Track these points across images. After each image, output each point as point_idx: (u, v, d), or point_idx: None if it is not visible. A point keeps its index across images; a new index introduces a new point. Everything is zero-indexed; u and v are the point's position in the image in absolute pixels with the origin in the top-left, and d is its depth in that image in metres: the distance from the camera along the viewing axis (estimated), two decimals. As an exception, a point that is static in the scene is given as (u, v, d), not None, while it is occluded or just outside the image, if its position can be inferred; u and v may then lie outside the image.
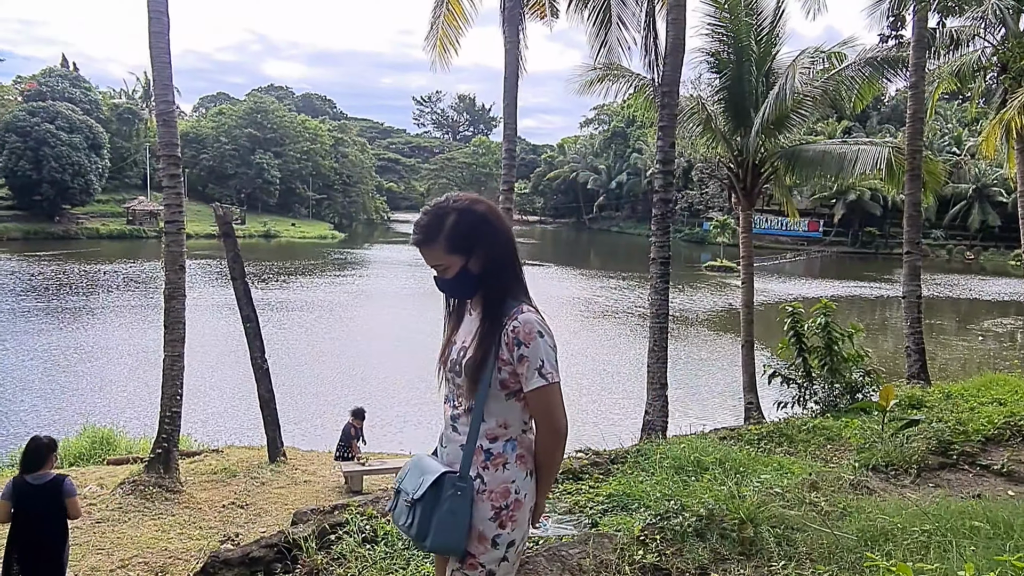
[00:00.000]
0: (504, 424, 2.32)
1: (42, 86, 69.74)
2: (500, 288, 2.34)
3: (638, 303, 39.90)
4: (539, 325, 2.28)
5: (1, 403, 20.52)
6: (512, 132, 13.43)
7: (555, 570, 3.13)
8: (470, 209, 2.35)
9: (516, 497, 2.29)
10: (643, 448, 7.12)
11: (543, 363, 2.24)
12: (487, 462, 2.30)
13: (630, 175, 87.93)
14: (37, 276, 42.87)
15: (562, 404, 2.30)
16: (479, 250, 2.32)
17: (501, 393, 2.30)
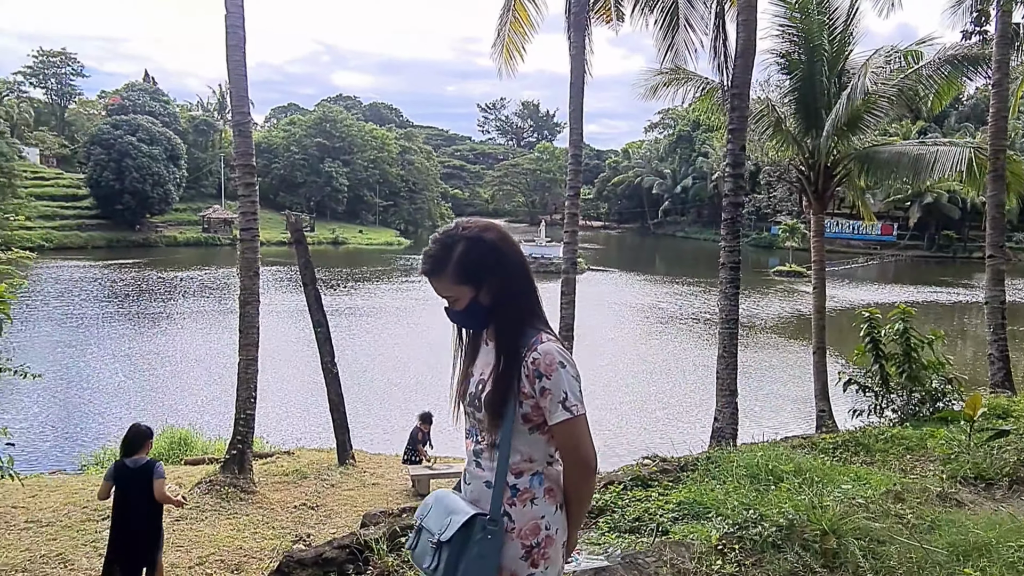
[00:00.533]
0: (529, 458, 2.22)
1: (125, 100, 72.71)
2: (515, 318, 2.24)
3: (704, 308, 39.31)
4: (560, 355, 2.16)
5: (87, 405, 21.40)
6: (578, 137, 13.39)
7: None
8: (479, 238, 2.24)
9: (547, 534, 2.19)
10: (713, 455, 6.98)
11: (567, 395, 2.13)
12: (514, 498, 2.19)
13: (696, 179, 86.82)
14: (118, 283, 44.57)
15: (589, 436, 2.20)
16: (489, 281, 2.22)
17: (524, 427, 2.20)
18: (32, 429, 18.88)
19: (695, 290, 47.18)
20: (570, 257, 13.27)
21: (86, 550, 8.09)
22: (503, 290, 2.23)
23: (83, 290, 41.07)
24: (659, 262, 71.74)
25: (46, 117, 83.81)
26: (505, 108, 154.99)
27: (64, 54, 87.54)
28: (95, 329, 31.26)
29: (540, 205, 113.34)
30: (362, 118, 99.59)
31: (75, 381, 23.49)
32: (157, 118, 67.92)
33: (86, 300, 37.97)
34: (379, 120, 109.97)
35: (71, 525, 9.05)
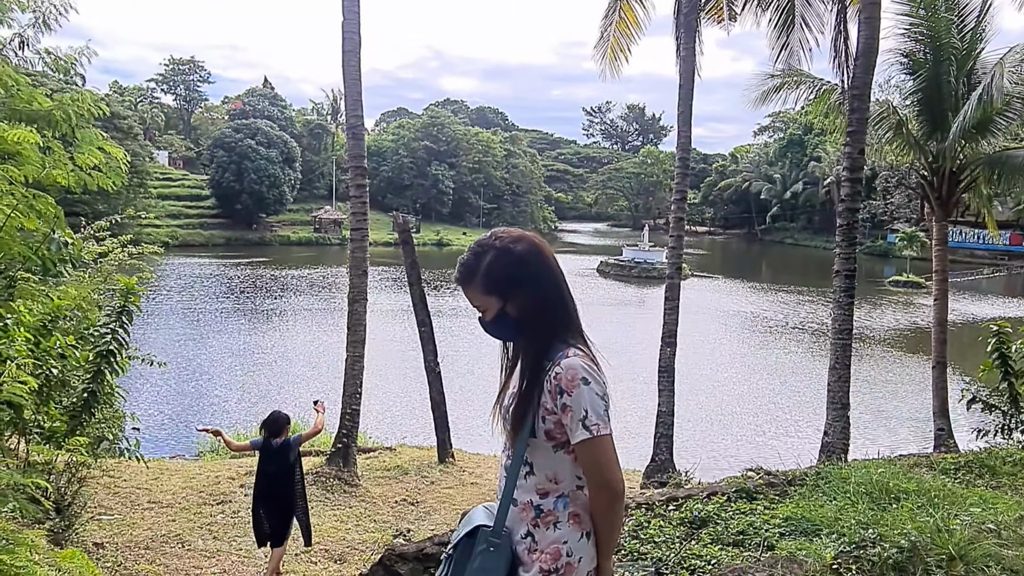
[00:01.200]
0: (554, 479, 2.14)
1: (246, 105, 76.37)
2: (541, 332, 2.17)
3: (812, 318, 37.94)
4: (584, 371, 2.09)
5: (204, 395, 22.54)
6: (686, 141, 13.15)
7: None
8: (507, 249, 2.19)
9: (568, 560, 2.09)
10: (823, 470, 6.71)
11: (587, 413, 2.05)
12: (537, 519, 2.12)
13: (807, 184, 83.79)
14: (235, 280, 46.76)
15: (613, 459, 2.08)
16: (516, 292, 2.18)
17: (548, 444, 2.13)
18: (155, 416, 20.02)
19: (804, 299, 45.58)
20: (675, 262, 13.03)
21: (202, 532, 8.49)
22: (530, 303, 2.18)
23: (203, 286, 43.29)
24: (766, 269, 69.65)
25: (174, 121, 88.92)
26: (610, 112, 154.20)
27: (192, 62, 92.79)
28: (213, 323, 32.90)
29: (643, 209, 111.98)
30: (468, 122, 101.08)
31: (195, 372, 24.78)
32: (275, 122, 70.99)
33: (206, 296, 40.00)
34: (485, 124, 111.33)
35: (188, 508, 9.53)
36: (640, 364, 22.23)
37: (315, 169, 79.48)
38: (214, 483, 10.99)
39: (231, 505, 9.82)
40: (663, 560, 4.87)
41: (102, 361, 6.60)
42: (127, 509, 9.11)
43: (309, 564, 7.78)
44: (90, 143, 4.15)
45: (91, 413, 6.71)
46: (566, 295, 2.24)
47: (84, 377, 6.67)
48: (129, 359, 7.13)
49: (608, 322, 37.12)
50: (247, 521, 9.25)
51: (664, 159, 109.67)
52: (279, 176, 66.83)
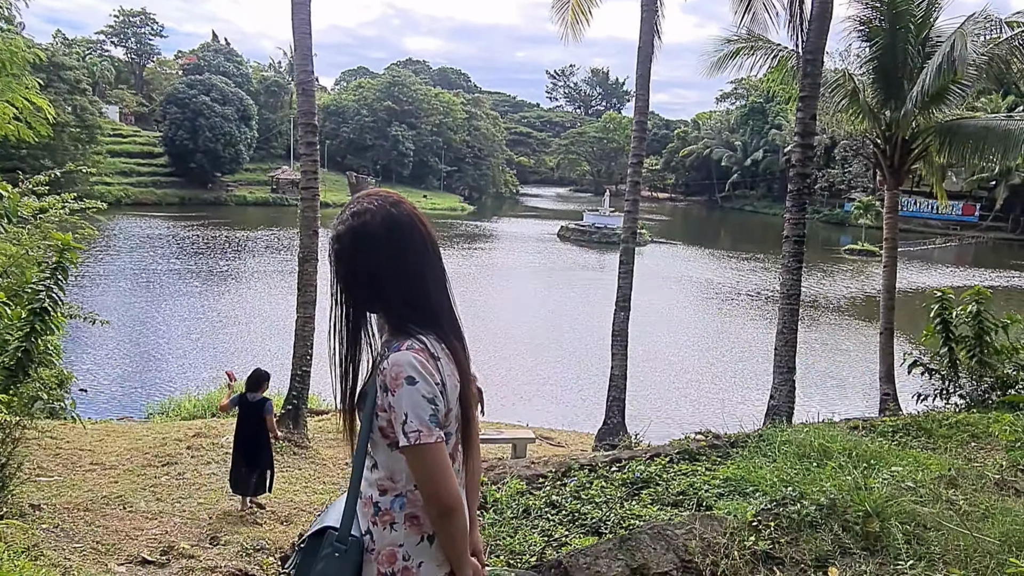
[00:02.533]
0: (391, 477, 1.96)
1: (200, 60, 74.30)
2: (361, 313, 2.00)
3: (766, 285, 38.51)
4: (412, 368, 1.86)
5: (155, 357, 22.18)
6: (644, 105, 13.09)
7: (659, 548, 3.01)
8: (351, 215, 1.99)
9: (405, 565, 1.94)
10: (765, 433, 6.82)
11: (406, 417, 1.84)
12: (376, 517, 1.97)
13: (767, 152, 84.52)
14: (189, 240, 45.86)
15: (441, 469, 1.86)
16: (345, 263, 1.99)
17: (384, 442, 1.94)
18: (104, 377, 19.67)
19: (760, 266, 46.22)
20: (630, 227, 13.06)
21: (144, 494, 8.37)
22: (349, 278, 2.00)
23: (155, 247, 42.41)
24: (725, 236, 70.41)
25: (125, 76, 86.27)
26: (574, 75, 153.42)
27: (144, 14, 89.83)
28: (165, 285, 32.31)
29: (605, 174, 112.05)
30: (431, 83, 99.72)
31: (145, 333, 24.37)
32: (230, 79, 69.17)
33: (157, 256, 39.22)
34: (448, 85, 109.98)
35: (133, 470, 9.38)
36: (595, 329, 22.39)
37: (272, 128, 77.87)
38: (160, 444, 10.84)
39: (177, 467, 9.71)
40: (603, 520, 4.91)
41: (36, 319, 6.40)
42: (67, 471, 8.95)
43: (254, 525, 7.72)
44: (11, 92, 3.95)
45: (25, 372, 6.53)
46: (413, 276, 2.00)
47: (17, 335, 6.48)
48: (67, 317, 6.94)
49: (566, 287, 37.28)
50: (193, 483, 9.17)
51: (626, 124, 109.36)
52: (235, 134, 65.30)
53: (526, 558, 4.18)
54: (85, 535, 6.63)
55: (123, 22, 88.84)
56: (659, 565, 2.88)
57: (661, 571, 2.84)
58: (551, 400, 19.10)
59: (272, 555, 6.77)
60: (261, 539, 7.14)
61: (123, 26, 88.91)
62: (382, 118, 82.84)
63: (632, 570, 2.82)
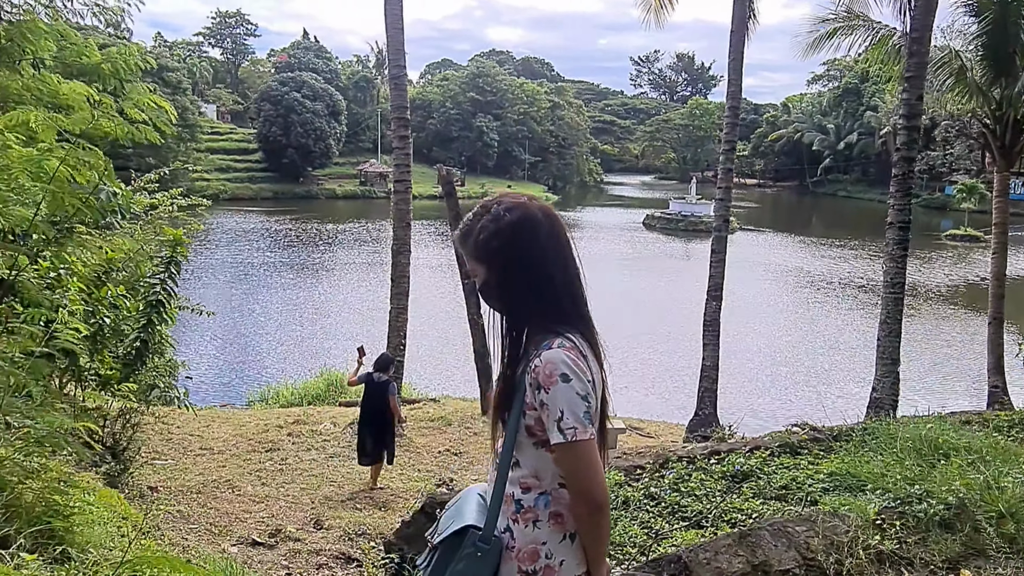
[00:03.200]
0: (536, 475, 1.98)
1: (291, 58, 76.39)
2: (523, 315, 2.00)
3: (862, 273, 37.14)
4: (566, 366, 1.88)
5: (254, 346, 23.04)
6: (737, 90, 12.79)
7: (780, 546, 2.95)
8: (498, 216, 2.01)
9: (547, 563, 1.94)
10: (870, 426, 6.61)
11: (562, 415, 1.85)
12: (517, 514, 1.97)
13: (862, 135, 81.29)
14: (282, 233, 47.35)
15: (593, 466, 1.88)
16: (498, 263, 2.00)
17: (529, 440, 1.96)
18: (206, 366, 20.55)
19: (855, 253, 44.60)
20: (722, 214, 12.80)
21: (250, 478, 8.72)
22: (510, 279, 2.00)
23: (250, 240, 43.95)
24: (817, 223, 68.18)
25: (222, 75, 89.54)
26: (659, 61, 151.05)
27: (239, 15, 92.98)
28: (261, 277, 33.46)
29: (691, 161, 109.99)
30: (515, 73, 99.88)
31: (244, 324, 25.31)
32: (320, 75, 70.93)
33: (253, 249, 40.64)
34: (531, 75, 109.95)
35: (238, 455, 9.79)
36: (684, 319, 22.05)
37: (360, 122, 79.49)
38: (263, 431, 11.26)
39: (279, 453, 10.07)
40: (703, 513, 4.85)
41: (152, 311, 6.75)
42: (179, 455, 9.40)
43: (354, 511, 7.95)
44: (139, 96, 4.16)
45: (143, 361, 6.89)
46: (561, 277, 2.03)
47: (135, 326, 6.83)
48: (178, 309, 7.26)
49: (652, 276, 36.84)
50: (295, 468, 9.51)
51: (713, 110, 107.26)
52: (325, 129, 67.00)
53: (627, 549, 4.18)
54: (199, 516, 6.96)
55: (220, 23, 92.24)
56: (781, 563, 2.83)
57: (783, 569, 2.79)
58: (640, 391, 18.92)
59: (373, 540, 6.96)
60: (362, 524, 7.35)
61: (219, 27, 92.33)
62: (467, 110, 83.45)
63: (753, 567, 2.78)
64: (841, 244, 48.74)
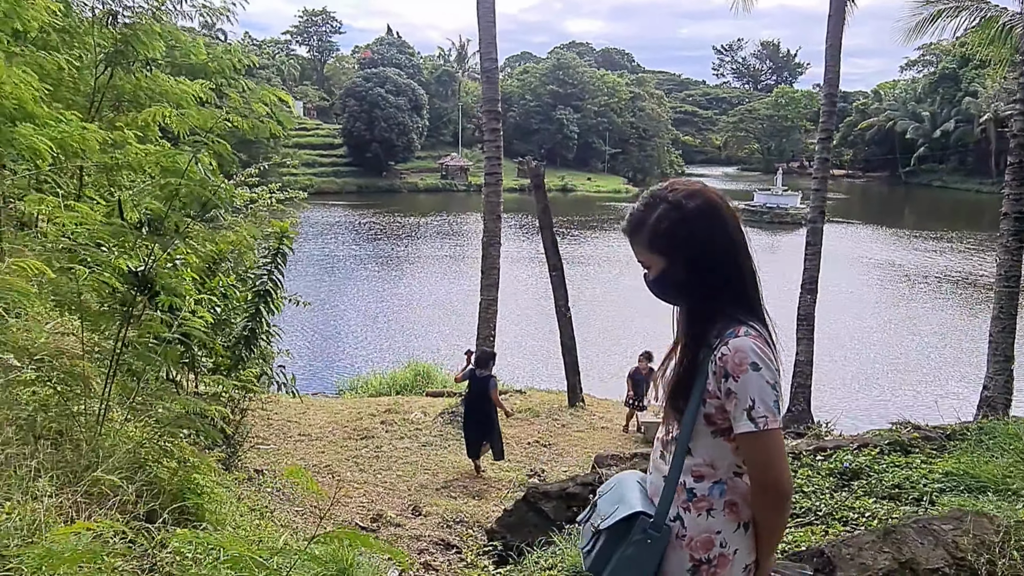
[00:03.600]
0: (711, 464, 1.96)
1: (374, 54, 77.80)
2: (707, 303, 1.96)
3: (959, 267, 35.52)
4: (755, 354, 1.86)
5: (341, 337, 23.61)
6: (834, 77, 12.39)
7: (927, 544, 2.86)
8: (679, 204, 1.96)
9: (721, 552, 1.93)
10: (986, 426, 6.37)
11: (754, 403, 1.83)
12: (689, 503, 1.96)
13: (959, 122, 77.55)
14: (366, 227, 48.30)
15: (782, 455, 1.87)
16: (682, 254, 1.96)
17: (707, 429, 1.94)
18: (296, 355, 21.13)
19: (949, 247, 42.69)
20: (818, 206, 12.44)
21: (348, 464, 8.97)
22: (693, 268, 1.96)
23: (336, 233, 45.00)
24: (909, 214, 65.51)
25: (308, 72, 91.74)
26: (742, 49, 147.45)
27: (324, 13, 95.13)
28: (349, 270, 34.24)
29: (776, 152, 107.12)
30: (594, 65, 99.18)
31: (331, 315, 25.95)
32: (403, 70, 72.02)
33: (340, 242, 41.60)
34: (611, 66, 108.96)
35: (335, 441, 10.07)
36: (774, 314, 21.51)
37: (442, 116, 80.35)
38: (356, 419, 11.54)
39: (374, 440, 10.31)
40: (813, 510, 4.76)
41: (260, 301, 6.98)
42: (280, 440, 9.73)
43: (449, 499, 8.07)
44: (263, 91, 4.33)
45: (251, 350, 7.14)
46: (743, 264, 1.99)
47: (244, 316, 7.09)
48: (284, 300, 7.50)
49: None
50: (390, 456, 9.72)
51: (799, 98, 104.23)
52: (407, 124, 68.01)
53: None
54: (303, 499, 7.19)
55: (306, 22, 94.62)
56: (928, 561, 2.74)
57: (932, 567, 2.70)
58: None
59: (470, 528, 7.06)
60: (459, 512, 7.46)
61: (306, 25, 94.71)
62: (547, 102, 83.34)
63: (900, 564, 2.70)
64: (937, 237, 46.73)
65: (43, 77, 5.92)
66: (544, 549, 4.96)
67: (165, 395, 4.47)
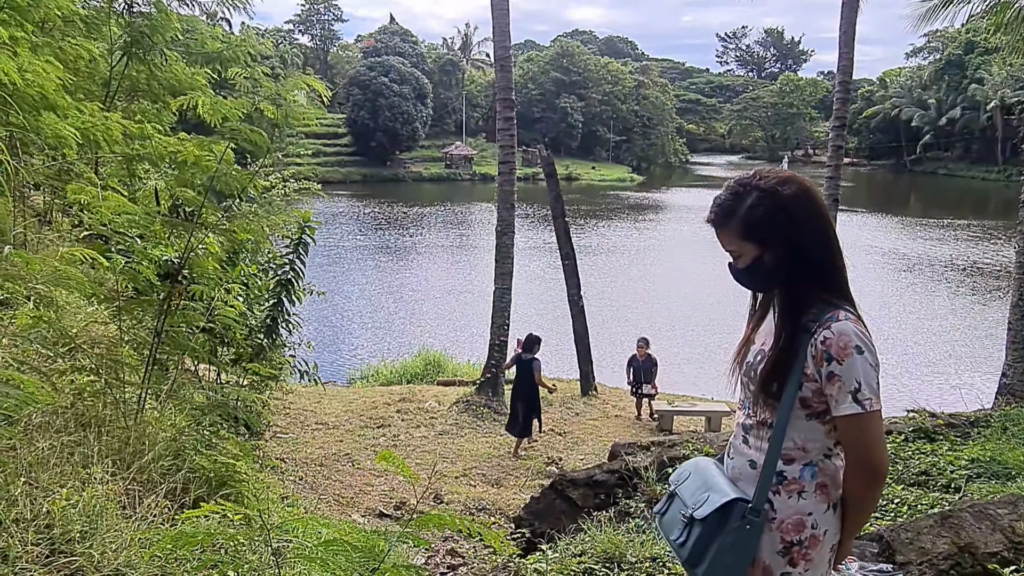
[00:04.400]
0: (802, 447, 1.97)
1: (378, 43, 77.48)
2: (803, 288, 1.97)
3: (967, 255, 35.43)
4: (858, 338, 1.89)
5: (350, 326, 23.63)
6: (848, 64, 12.32)
7: (984, 528, 2.88)
8: (774, 191, 1.97)
9: (812, 532, 1.95)
10: (1010, 413, 6.40)
11: (859, 385, 1.86)
12: (779, 486, 1.97)
13: (965, 110, 77.08)
14: (371, 216, 48.26)
15: (882, 438, 1.90)
16: (777, 240, 1.97)
17: (802, 412, 1.96)
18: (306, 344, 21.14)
19: (953, 235, 42.56)
20: (832, 194, 12.42)
21: (367, 452, 9.00)
22: (792, 254, 1.97)
23: (341, 222, 44.95)
24: (915, 203, 65.31)
25: (311, 61, 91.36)
26: (746, 37, 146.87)
27: (327, 1, 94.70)
28: (356, 261, 34.22)
29: (780, 140, 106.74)
30: (597, 53, 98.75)
31: (339, 305, 25.96)
32: (406, 59, 71.72)
33: (345, 232, 41.56)
34: (615, 54, 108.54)
35: (352, 430, 10.11)
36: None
37: (446, 105, 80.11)
38: (371, 408, 11.58)
39: (391, 429, 10.35)
40: (840, 497, 4.77)
41: (282, 290, 6.99)
42: (299, 429, 9.77)
43: (469, 487, 8.11)
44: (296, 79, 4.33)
45: (272, 339, 7.16)
46: (836, 249, 2.02)
47: (266, 305, 7.10)
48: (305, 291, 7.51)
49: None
50: (408, 444, 9.76)
51: (804, 86, 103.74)
52: (412, 113, 67.81)
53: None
54: (326, 487, 7.23)
55: (309, 10, 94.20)
56: (987, 545, 2.76)
57: (990, 551, 2.72)
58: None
59: (493, 515, 7.10)
60: (480, 499, 7.50)
61: (309, 14, 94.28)
62: (550, 90, 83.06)
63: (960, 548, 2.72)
64: (942, 225, 46.60)
65: (66, 66, 5.92)
66: (573, 536, 4.98)
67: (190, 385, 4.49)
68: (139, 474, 3.02)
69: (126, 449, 3.14)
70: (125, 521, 2.52)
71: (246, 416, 3.98)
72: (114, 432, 3.23)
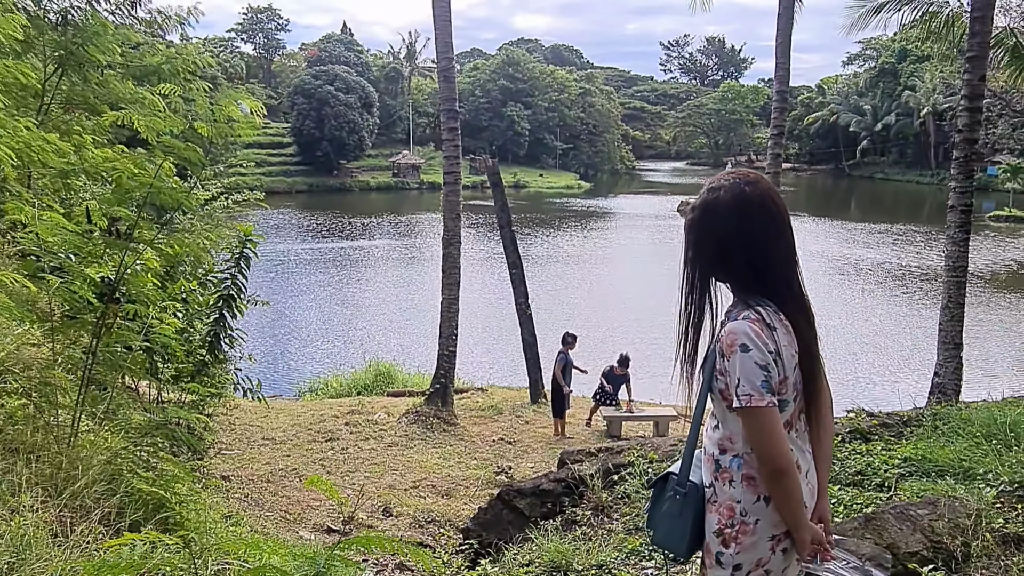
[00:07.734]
0: (730, 438, 2.11)
1: (322, 52, 76.77)
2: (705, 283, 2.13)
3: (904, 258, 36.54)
4: (746, 336, 1.98)
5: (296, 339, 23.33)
6: (785, 74, 12.66)
7: (905, 528, 2.98)
8: (710, 188, 2.15)
9: (742, 520, 2.07)
10: (940, 412, 6.58)
11: (739, 382, 1.97)
12: (717, 473, 2.12)
13: (899, 116, 79.65)
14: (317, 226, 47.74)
15: (770, 432, 1.97)
16: (699, 237, 2.14)
17: (723, 404, 2.09)
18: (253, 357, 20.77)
19: (891, 239, 43.85)
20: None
21: (315, 467, 8.90)
22: (708, 251, 2.12)
23: (287, 233, 44.39)
24: (855, 207, 67.14)
25: (255, 70, 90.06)
26: (689, 45, 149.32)
27: (270, 10, 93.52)
28: (304, 274, 33.80)
29: (724, 146, 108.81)
30: (543, 61, 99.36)
31: (286, 317, 25.61)
32: (352, 67, 71.23)
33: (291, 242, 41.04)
34: (561, 62, 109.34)
35: (300, 445, 9.97)
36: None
37: (392, 113, 79.73)
38: (320, 421, 11.45)
39: (339, 442, 10.24)
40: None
41: (224, 305, 6.88)
42: (245, 445, 9.60)
43: (419, 499, 8.07)
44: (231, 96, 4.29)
45: (214, 355, 7.03)
46: (757, 253, 2.08)
47: (207, 321, 6.97)
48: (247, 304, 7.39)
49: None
50: (356, 457, 9.67)
51: (746, 93, 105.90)
52: (358, 121, 67.33)
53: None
54: (272, 504, 7.13)
55: (251, 19, 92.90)
56: (908, 545, 2.86)
57: (911, 551, 2.83)
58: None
59: (442, 527, 7.08)
60: (429, 511, 7.48)
61: (251, 23, 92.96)
62: (497, 98, 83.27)
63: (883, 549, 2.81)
64: (882, 231, 47.96)
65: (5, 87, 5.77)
66: (521, 545, 5.00)
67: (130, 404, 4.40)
68: (72, 500, 2.94)
69: (58, 475, 3.07)
70: (56, 550, 2.46)
71: (185, 437, 3.90)
72: (45, 458, 3.15)
